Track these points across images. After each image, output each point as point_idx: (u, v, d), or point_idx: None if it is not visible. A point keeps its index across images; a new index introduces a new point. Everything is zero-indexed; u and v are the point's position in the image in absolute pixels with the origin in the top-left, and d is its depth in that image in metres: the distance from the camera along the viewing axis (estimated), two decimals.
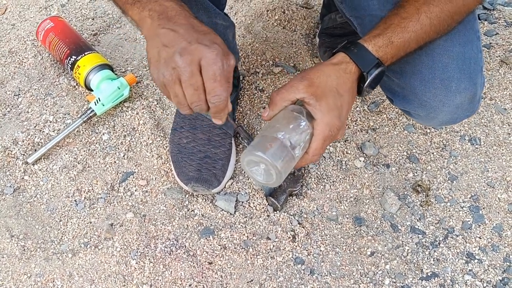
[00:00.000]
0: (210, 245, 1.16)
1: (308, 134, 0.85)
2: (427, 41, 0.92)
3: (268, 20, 1.61)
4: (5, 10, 1.61)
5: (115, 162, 1.28)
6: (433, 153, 1.34)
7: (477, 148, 1.36)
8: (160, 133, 1.33)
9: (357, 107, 1.42)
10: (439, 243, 1.19)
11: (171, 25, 0.77)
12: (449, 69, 0.97)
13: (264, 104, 1.41)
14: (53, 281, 1.10)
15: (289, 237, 1.18)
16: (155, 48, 0.77)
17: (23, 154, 1.27)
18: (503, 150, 1.35)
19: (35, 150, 1.28)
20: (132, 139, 1.32)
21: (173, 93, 0.78)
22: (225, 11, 1.25)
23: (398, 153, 1.34)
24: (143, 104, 1.37)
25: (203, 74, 0.75)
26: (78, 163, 1.27)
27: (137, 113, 1.35)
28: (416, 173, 1.31)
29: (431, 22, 0.89)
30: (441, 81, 0.97)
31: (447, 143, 1.36)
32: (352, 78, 0.88)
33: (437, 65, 0.97)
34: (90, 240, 1.16)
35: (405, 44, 0.89)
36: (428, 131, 1.38)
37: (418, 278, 1.14)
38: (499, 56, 1.56)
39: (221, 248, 1.15)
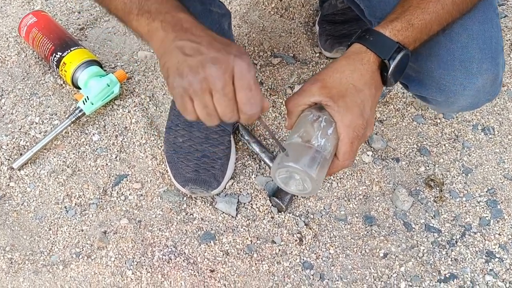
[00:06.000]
0: (212, 251, 1.12)
1: (335, 135, 0.81)
2: (450, 22, 0.87)
3: (265, 9, 1.58)
4: None
5: (106, 164, 1.25)
6: (445, 145, 1.30)
7: (491, 138, 1.31)
8: (154, 132, 1.30)
9: None
10: (456, 241, 1.15)
11: (189, 37, 0.74)
12: (469, 50, 0.93)
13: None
14: None
15: (296, 240, 1.14)
16: (174, 58, 0.73)
17: (8, 159, 1.24)
18: None
19: (21, 154, 1.25)
20: (124, 139, 1.29)
21: (203, 104, 0.73)
22: None
23: (408, 146, 1.30)
24: (135, 101, 1.34)
25: (237, 83, 0.72)
26: (68, 167, 1.24)
27: (128, 111, 1.32)
28: (428, 166, 1.26)
29: (453, 1, 0.85)
30: (461, 62, 0.93)
31: (459, 134, 1.32)
32: (372, 69, 0.83)
33: (456, 46, 0.93)
34: (82, 250, 1.13)
35: (426, 26, 0.84)
36: (439, 121, 1.34)
37: (436, 281, 1.10)
38: (509, 39, 1.51)
39: (223, 254, 1.12)
